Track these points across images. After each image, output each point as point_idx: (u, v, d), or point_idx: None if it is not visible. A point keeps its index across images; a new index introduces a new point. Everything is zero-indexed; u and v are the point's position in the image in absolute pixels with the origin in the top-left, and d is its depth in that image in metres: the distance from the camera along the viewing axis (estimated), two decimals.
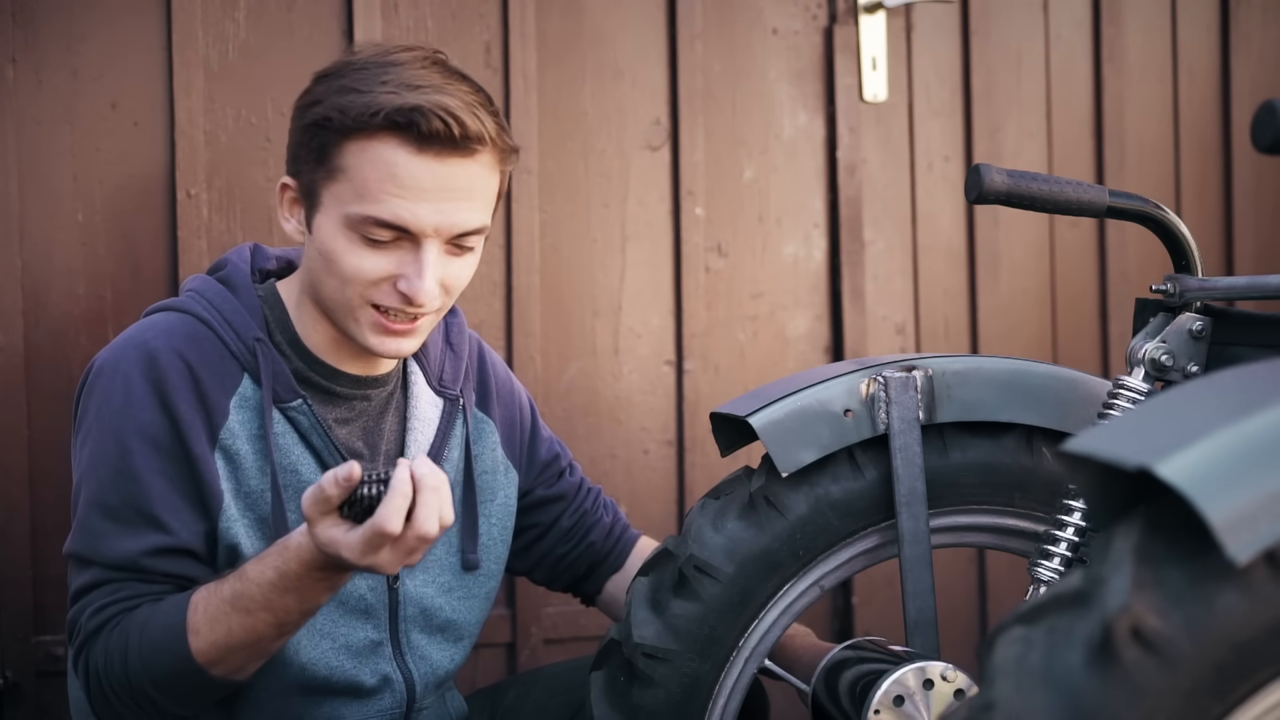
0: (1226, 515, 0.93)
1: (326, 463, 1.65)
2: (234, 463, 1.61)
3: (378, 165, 1.56)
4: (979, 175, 1.55)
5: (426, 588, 1.73)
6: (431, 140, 1.55)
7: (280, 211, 1.67)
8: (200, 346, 1.62)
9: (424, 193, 1.56)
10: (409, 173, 1.56)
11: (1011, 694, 0.95)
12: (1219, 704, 0.95)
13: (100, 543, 1.58)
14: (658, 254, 2.48)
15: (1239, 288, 1.59)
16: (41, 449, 2.10)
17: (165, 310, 1.67)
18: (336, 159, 1.58)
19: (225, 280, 1.69)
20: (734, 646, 1.57)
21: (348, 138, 1.57)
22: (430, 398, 1.76)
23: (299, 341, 1.67)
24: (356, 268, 1.59)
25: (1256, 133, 1.17)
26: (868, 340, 2.60)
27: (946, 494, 1.62)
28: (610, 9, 2.45)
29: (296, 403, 1.64)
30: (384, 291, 1.60)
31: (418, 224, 1.57)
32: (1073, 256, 2.79)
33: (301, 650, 1.64)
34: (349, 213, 1.58)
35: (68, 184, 2.12)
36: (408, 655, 1.72)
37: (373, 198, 1.56)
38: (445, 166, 1.57)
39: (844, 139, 2.58)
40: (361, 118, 1.56)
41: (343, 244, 1.59)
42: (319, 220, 1.61)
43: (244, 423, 1.62)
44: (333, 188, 1.59)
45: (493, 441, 1.82)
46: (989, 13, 2.71)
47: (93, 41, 2.13)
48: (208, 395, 1.60)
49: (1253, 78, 2.90)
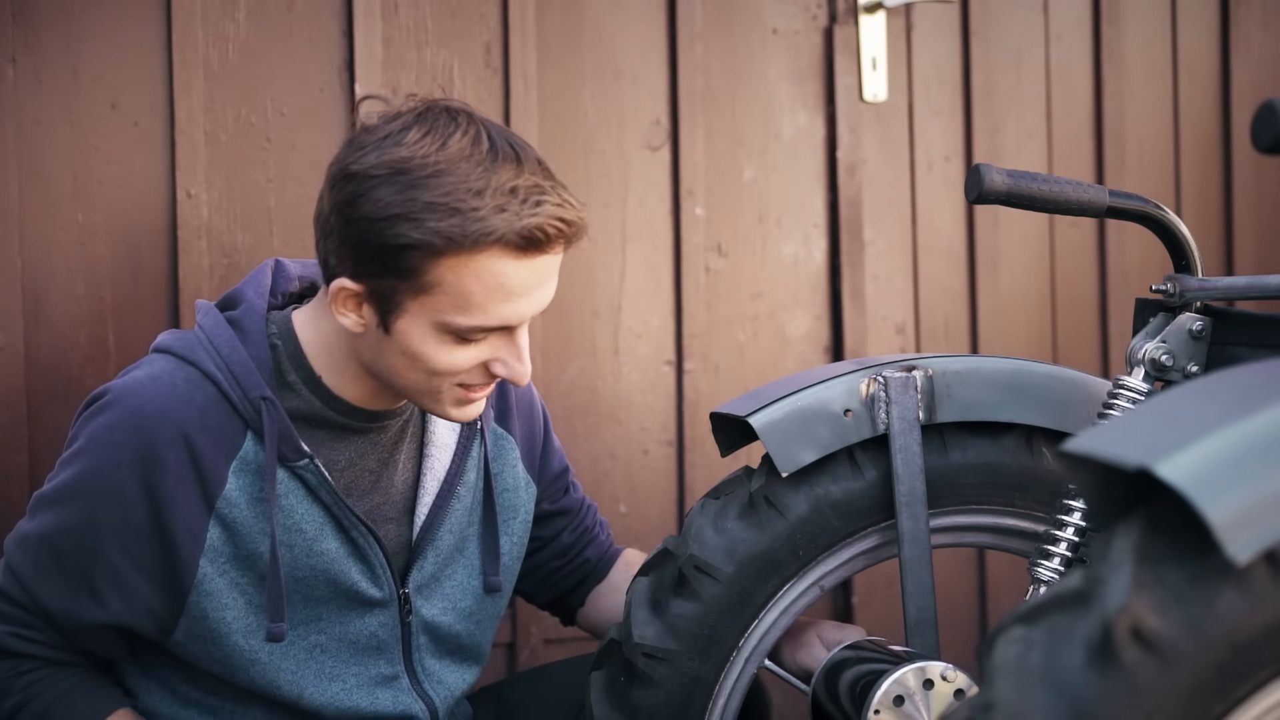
0: (1226, 515, 0.93)
1: (336, 517, 1.61)
2: (231, 530, 1.57)
3: (484, 279, 1.48)
4: (979, 175, 1.55)
5: (445, 615, 1.72)
6: (538, 244, 1.50)
7: (333, 308, 1.54)
8: (202, 410, 1.56)
9: (527, 291, 1.52)
10: (518, 280, 1.50)
11: (1011, 694, 0.95)
12: (1219, 704, 0.95)
13: (39, 581, 1.58)
14: (658, 254, 2.48)
15: (1239, 288, 1.59)
16: (41, 449, 2.10)
17: (172, 355, 1.61)
18: (429, 275, 1.48)
19: (237, 324, 1.61)
20: (734, 646, 1.57)
21: (446, 256, 1.47)
22: (446, 425, 1.72)
23: (316, 380, 1.61)
24: (450, 364, 1.53)
25: (1256, 133, 1.17)
26: (868, 340, 2.60)
27: (946, 494, 1.62)
28: (610, 9, 2.45)
29: (303, 462, 1.58)
30: (475, 374, 1.56)
31: (519, 320, 1.53)
32: (1073, 256, 2.79)
33: (306, 694, 1.63)
34: (447, 322, 1.50)
35: (68, 184, 2.12)
36: (425, 683, 1.71)
37: (479, 310, 1.49)
38: (546, 261, 1.52)
39: (844, 139, 2.58)
40: (473, 239, 1.46)
41: (434, 346, 1.52)
42: (401, 325, 1.52)
43: (243, 488, 1.57)
44: (424, 300, 1.50)
45: (513, 458, 1.78)
46: (989, 13, 2.71)
47: (93, 41, 2.13)
48: (204, 466, 1.55)
49: (1253, 78, 2.90)
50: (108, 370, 2.11)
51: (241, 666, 1.60)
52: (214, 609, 1.57)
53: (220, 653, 1.60)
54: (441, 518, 1.70)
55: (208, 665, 1.62)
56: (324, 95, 2.24)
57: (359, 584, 1.64)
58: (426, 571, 1.70)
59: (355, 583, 1.64)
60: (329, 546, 1.61)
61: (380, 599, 1.66)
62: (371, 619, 1.66)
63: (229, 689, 1.65)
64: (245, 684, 1.62)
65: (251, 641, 1.60)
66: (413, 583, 1.69)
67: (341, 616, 1.65)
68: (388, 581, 1.66)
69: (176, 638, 1.60)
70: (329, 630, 1.65)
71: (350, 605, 1.65)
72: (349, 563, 1.63)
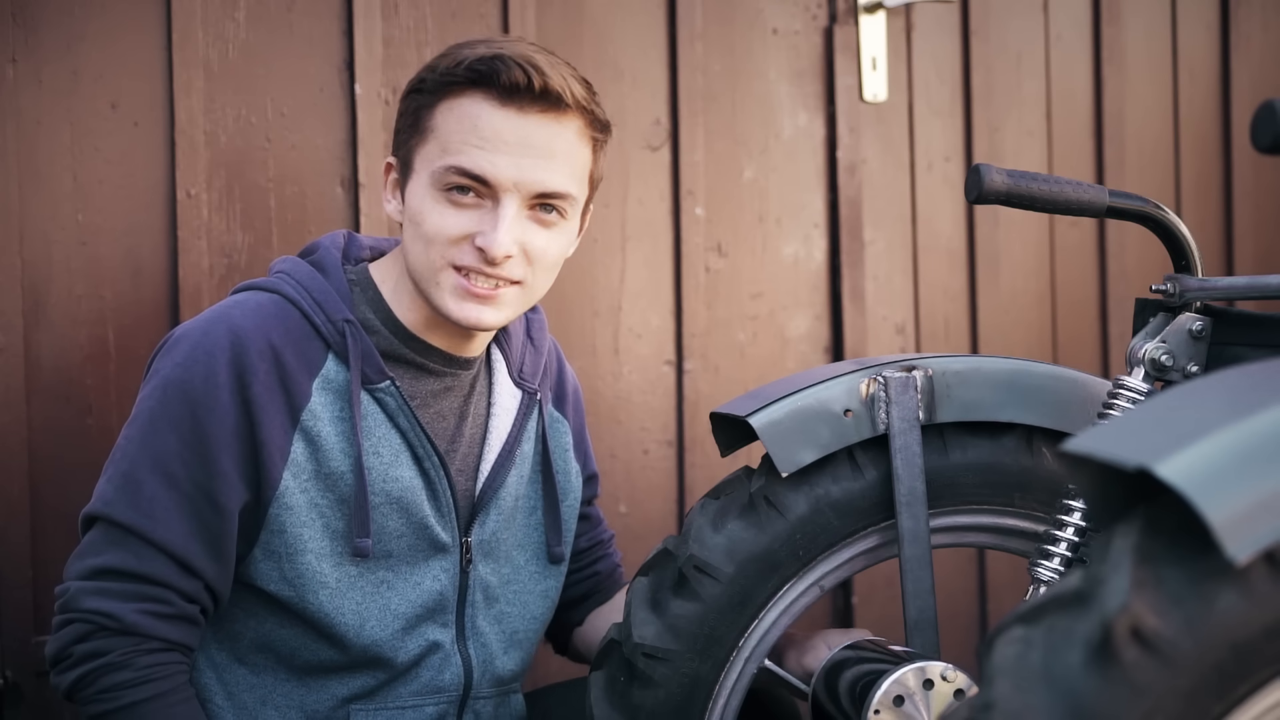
0: (1226, 515, 0.93)
1: (412, 444, 1.67)
2: (315, 444, 1.63)
3: (462, 119, 1.61)
4: (979, 175, 1.55)
5: (496, 578, 1.76)
6: (514, 93, 1.60)
7: (384, 194, 1.73)
8: (286, 327, 1.64)
9: (504, 144, 1.60)
10: (489, 123, 1.60)
11: (1011, 694, 0.95)
12: (1219, 704, 0.95)
13: (157, 512, 1.58)
14: (658, 254, 2.48)
15: (1239, 288, 1.59)
16: (41, 449, 2.10)
17: (254, 290, 1.69)
18: (427, 121, 1.64)
19: (316, 264, 1.72)
20: (734, 646, 1.57)
21: (439, 99, 1.63)
22: (510, 388, 1.79)
23: (393, 319, 1.69)
24: (439, 226, 1.62)
25: (1256, 133, 1.17)
26: (868, 340, 2.60)
27: (946, 494, 1.62)
28: (610, 9, 2.45)
29: (385, 384, 1.66)
30: (463, 250, 1.62)
31: (495, 175, 1.60)
32: (1073, 256, 2.79)
33: (367, 627, 1.67)
34: (434, 169, 1.62)
35: (68, 184, 2.12)
36: (470, 642, 1.74)
37: (455, 149, 1.61)
38: (526, 120, 1.61)
39: (844, 139, 2.58)
40: (449, 73, 1.62)
41: (429, 204, 1.62)
42: (411, 187, 1.66)
43: (327, 404, 1.64)
44: (423, 150, 1.64)
45: (566, 442, 1.86)
46: (989, 13, 2.71)
47: (93, 41, 2.13)
48: (290, 377, 1.62)
49: (1253, 78, 2.90)
50: (108, 370, 2.11)
51: (311, 588, 1.63)
52: (292, 524, 1.62)
53: (293, 571, 1.63)
54: (503, 477, 1.75)
55: (278, 588, 1.64)
56: (324, 95, 2.24)
57: (429, 519, 1.68)
58: (488, 529, 1.74)
59: (426, 516, 1.68)
60: (403, 474, 1.67)
61: (446, 543, 1.71)
62: (436, 564, 1.71)
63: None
64: (312, 611, 1.64)
65: (323, 564, 1.64)
66: (475, 535, 1.73)
67: (410, 556, 1.69)
68: (453, 525, 1.71)
69: (255, 553, 1.63)
70: (397, 569, 1.68)
71: (419, 545, 1.69)
72: (421, 495, 1.68)
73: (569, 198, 1.64)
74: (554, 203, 1.63)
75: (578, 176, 1.65)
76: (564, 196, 1.64)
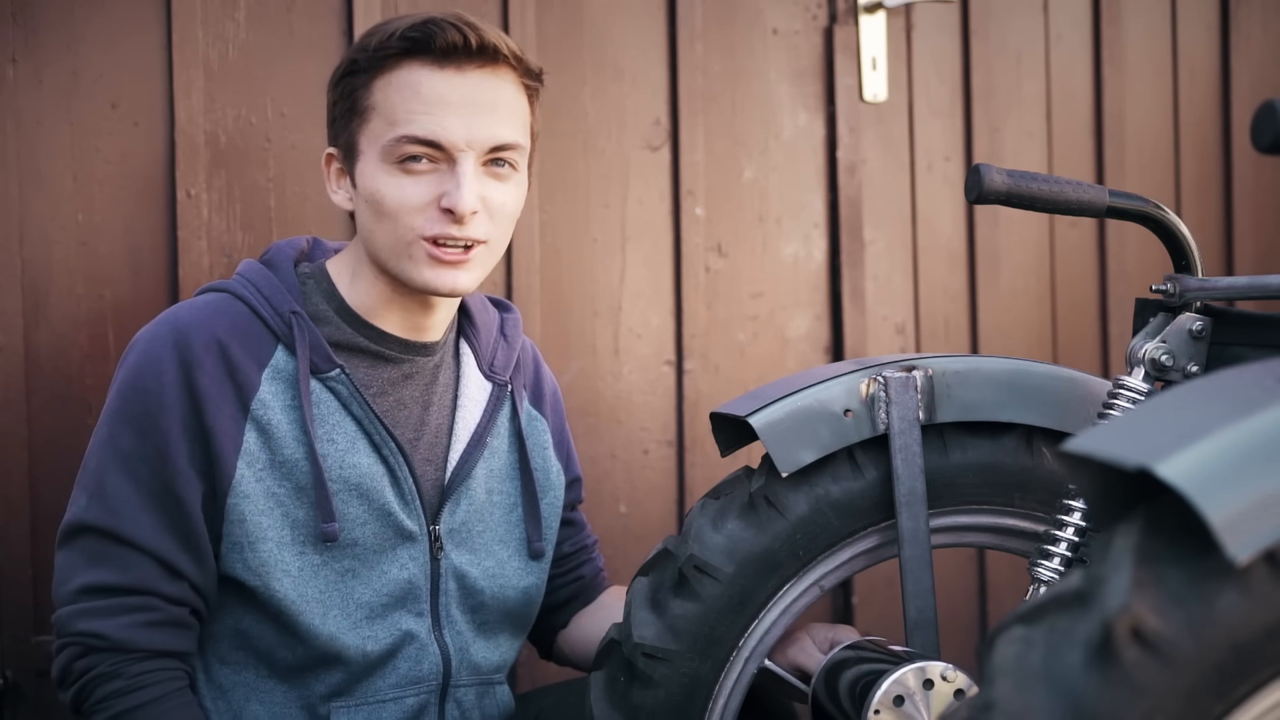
0: (1226, 515, 0.93)
1: (368, 431, 1.68)
2: (267, 433, 1.64)
3: (402, 89, 1.63)
4: (979, 175, 1.55)
5: (474, 568, 1.76)
6: (450, 53, 1.63)
7: (329, 186, 1.74)
8: (233, 321, 1.66)
9: (450, 106, 1.62)
10: (432, 88, 1.63)
11: (1011, 694, 0.95)
12: (1219, 704, 0.95)
13: (125, 510, 1.61)
14: (658, 254, 2.48)
15: (1239, 288, 1.59)
16: (41, 449, 2.10)
17: (208, 290, 1.73)
18: (366, 100, 1.66)
19: (267, 262, 1.75)
20: (734, 646, 1.57)
21: (374, 77, 1.65)
22: (479, 381, 1.80)
23: (347, 308, 1.71)
24: (400, 199, 1.64)
25: (1256, 133, 1.17)
26: (868, 340, 2.60)
27: (946, 494, 1.62)
28: (610, 9, 2.45)
29: (334, 372, 1.67)
30: (430, 217, 1.64)
31: (448, 137, 1.62)
32: (1073, 256, 2.79)
33: (330, 617, 1.67)
34: (383, 144, 1.63)
35: (68, 184, 2.12)
36: (446, 631, 1.75)
37: (403, 120, 1.62)
38: (466, 78, 1.64)
39: (844, 139, 2.58)
40: (382, 48, 1.64)
41: (384, 180, 1.64)
42: (360, 169, 1.67)
43: (277, 394, 1.65)
44: (367, 130, 1.66)
45: (546, 440, 1.86)
46: (989, 13, 2.71)
47: (93, 41, 2.13)
48: (238, 369, 1.64)
49: (1253, 78, 2.90)
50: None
51: (275, 576, 1.64)
52: (251, 513, 1.63)
53: (255, 559, 1.64)
54: (470, 466, 1.76)
55: (244, 575, 1.65)
56: (324, 95, 2.24)
57: (392, 505, 1.69)
58: (458, 517, 1.75)
59: (389, 503, 1.69)
60: (360, 460, 1.68)
61: (413, 530, 1.71)
62: (404, 552, 1.71)
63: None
64: (278, 599, 1.65)
65: (284, 553, 1.65)
66: (444, 524, 1.74)
67: (377, 544, 1.69)
68: (418, 512, 1.71)
69: (223, 545, 1.65)
70: (364, 558, 1.69)
71: (385, 533, 1.70)
72: (383, 482, 1.69)
73: (518, 148, 1.68)
74: (505, 155, 1.67)
75: (522, 126, 1.69)
76: (514, 147, 1.67)
